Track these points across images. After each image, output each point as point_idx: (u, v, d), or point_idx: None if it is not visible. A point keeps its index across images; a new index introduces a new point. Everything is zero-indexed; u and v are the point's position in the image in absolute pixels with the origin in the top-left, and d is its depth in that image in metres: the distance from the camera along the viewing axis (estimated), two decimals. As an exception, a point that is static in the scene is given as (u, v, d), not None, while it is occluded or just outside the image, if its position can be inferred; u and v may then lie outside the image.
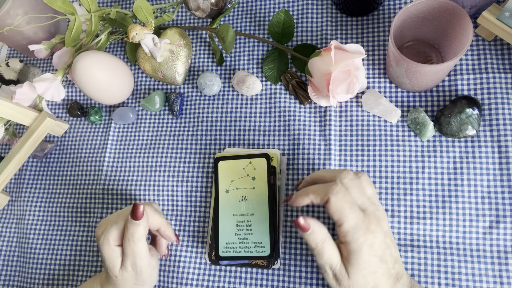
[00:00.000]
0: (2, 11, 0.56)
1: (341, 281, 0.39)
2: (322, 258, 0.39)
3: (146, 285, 0.46)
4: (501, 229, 0.44)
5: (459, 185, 0.47)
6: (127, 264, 0.43)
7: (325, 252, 0.39)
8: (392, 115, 0.50)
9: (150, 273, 0.45)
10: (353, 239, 0.38)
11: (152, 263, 0.45)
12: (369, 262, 0.38)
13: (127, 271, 0.43)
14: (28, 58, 0.68)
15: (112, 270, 0.43)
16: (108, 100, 0.57)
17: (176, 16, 0.63)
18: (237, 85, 0.56)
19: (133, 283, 0.44)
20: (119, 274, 0.43)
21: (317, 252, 0.39)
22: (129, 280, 0.43)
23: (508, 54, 0.49)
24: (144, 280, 0.44)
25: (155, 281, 0.48)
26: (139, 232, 0.42)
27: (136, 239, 0.42)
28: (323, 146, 0.51)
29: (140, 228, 0.42)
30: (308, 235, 0.39)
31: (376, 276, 0.38)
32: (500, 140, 0.46)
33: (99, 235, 0.44)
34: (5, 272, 0.58)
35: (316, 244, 0.39)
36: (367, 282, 0.38)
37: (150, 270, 0.45)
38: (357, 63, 0.49)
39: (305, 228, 0.38)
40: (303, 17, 0.57)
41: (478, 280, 0.44)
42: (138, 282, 0.44)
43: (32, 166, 0.62)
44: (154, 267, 0.46)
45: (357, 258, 0.38)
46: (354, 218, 0.38)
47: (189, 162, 0.55)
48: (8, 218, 0.61)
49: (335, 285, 0.39)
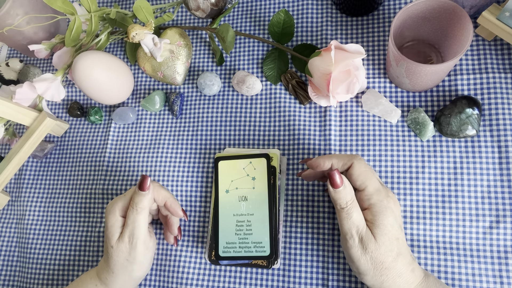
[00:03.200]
0: (2, 11, 0.56)
1: (367, 245, 0.38)
2: (350, 218, 0.38)
3: (137, 265, 0.45)
4: (501, 229, 0.44)
5: (459, 185, 0.47)
6: (125, 234, 0.44)
7: (354, 212, 0.38)
8: (392, 115, 0.50)
9: (143, 252, 0.45)
10: (378, 200, 0.39)
11: (149, 243, 0.46)
12: (392, 225, 0.39)
13: (123, 242, 0.44)
14: (28, 58, 0.68)
15: (110, 240, 0.45)
16: (108, 100, 0.57)
17: (176, 16, 0.63)
18: (237, 85, 0.56)
19: (125, 257, 0.44)
20: (115, 245, 0.44)
21: (345, 212, 0.38)
22: (122, 253, 0.44)
23: (508, 54, 0.49)
24: (136, 257, 0.45)
25: (146, 266, 0.47)
26: (143, 202, 0.44)
27: (140, 208, 0.44)
28: (323, 146, 0.51)
29: (144, 199, 0.44)
30: (339, 191, 0.38)
31: (399, 243, 0.39)
32: (500, 140, 0.46)
33: (107, 208, 0.46)
34: (5, 272, 0.58)
35: (346, 202, 0.38)
36: (392, 247, 0.38)
37: (145, 249, 0.45)
38: (357, 63, 0.49)
39: (338, 184, 0.38)
40: (303, 17, 0.57)
41: (478, 280, 0.44)
42: (130, 258, 0.44)
43: (32, 166, 0.62)
44: (149, 248, 0.46)
45: (383, 219, 0.38)
46: (377, 182, 0.40)
47: (189, 162, 0.55)
48: (8, 218, 0.61)
49: (360, 253, 0.38)
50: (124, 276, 0.46)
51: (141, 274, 0.47)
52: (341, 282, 0.47)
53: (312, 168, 0.43)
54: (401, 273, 0.38)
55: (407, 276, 0.39)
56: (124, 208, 0.46)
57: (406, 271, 0.39)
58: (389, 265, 0.38)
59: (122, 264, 0.45)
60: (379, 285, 0.39)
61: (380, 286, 0.39)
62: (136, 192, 0.45)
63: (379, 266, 0.38)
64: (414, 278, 0.39)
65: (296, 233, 0.49)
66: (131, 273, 0.46)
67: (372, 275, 0.39)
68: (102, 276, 0.46)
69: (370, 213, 0.39)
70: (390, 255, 0.38)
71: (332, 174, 0.39)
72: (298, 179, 0.51)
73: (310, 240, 0.49)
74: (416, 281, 0.39)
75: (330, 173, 0.39)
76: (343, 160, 0.41)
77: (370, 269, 0.38)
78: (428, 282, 0.40)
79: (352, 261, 0.40)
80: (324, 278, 0.47)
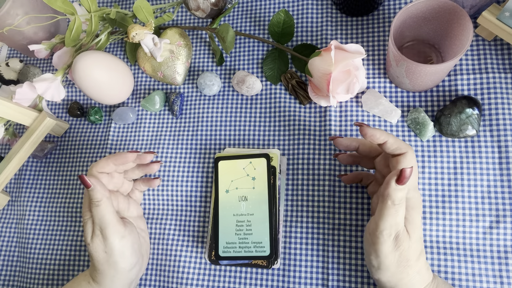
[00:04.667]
0: (2, 11, 0.56)
1: (402, 242, 0.37)
2: (397, 216, 0.37)
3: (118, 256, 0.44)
4: (501, 229, 0.44)
5: (459, 185, 0.47)
6: (95, 229, 0.44)
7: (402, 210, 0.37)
8: (392, 115, 0.50)
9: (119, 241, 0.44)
10: (413, 196, 0.39)
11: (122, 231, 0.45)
12: (421, 222, 0.39)
13: (96, 236, 0.44)
14: (28, 58, 0.68)
15: (86, 238, 0.45)
16: (108, 100, 0.57)
17: (176, 16, 0.63)
18: (237, 85, 0.56)
19: (103, 250, 0.44)
20: (91, 241, 0.44)
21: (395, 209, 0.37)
22: (99, 246, 0.44)
23: (508, 54, 0.49)
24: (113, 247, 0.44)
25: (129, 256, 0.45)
26: (95, 196, 0.44)
27: (96, 202, 0.44)
28: (323, 146, 0.51)
29: (94, 193, 0.44)
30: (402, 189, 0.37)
31: (421, 241, 0.39)
32: (500, 140, 0.46)
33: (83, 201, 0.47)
34: (5, 272, 0.58)
35: (400, 199, 0.37)
36: (418, 245, 0.39)
37: (120, 237, 0.44)
38: (357, 63, 0.49)
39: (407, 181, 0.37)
40: (303, 17, 0.57)
41: (478, 280, 0.44)
42: (107, 249, 0.44)
43: (32, 166, 0.62)
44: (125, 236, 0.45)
45: (415, 215, 0.38)
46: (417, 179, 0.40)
47: (189, 162, 0.55)
48: (8, 218, 0.61)
49: (391, 249, 0.38)
50: (110, 271, 0.45)
51: (128, 265, 0.45)
52: (341, 282, 0.47)
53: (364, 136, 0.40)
54: (419, 270, 0.39)
55: (424, 274, 0.39)
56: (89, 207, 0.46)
57: (423, 269, 0.39)
58: (412, 263, 0.38)
59: (103, 258, 0.44)
60: (395, 282, 0.39)
61: (397, 283, 0.39)
62: (85, 190, 0.46)
63: (404, 263, 0.38)
64: (428, 276, 0.40)
65: (296, 233, 0.49)
66: (115, 266, 0.45)
67: (393, 272, 0.38)
68: (93, 275, 0.46)
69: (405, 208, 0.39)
70: (415, 253, 0.38)
71: (407, 170, 0.36)
72: (298, 179, 0.51)
73: (310, 240, 0.49)
74: (429, 279, 0.40)
75: (406, 169, 0.36)
76: (399, 144, 0.39)
77: (394, 266, 0.38)
78: (437, 280, 0.41)
79: (377, 256, 0.38)
80: (324, 278, 0.47)
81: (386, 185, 0.37)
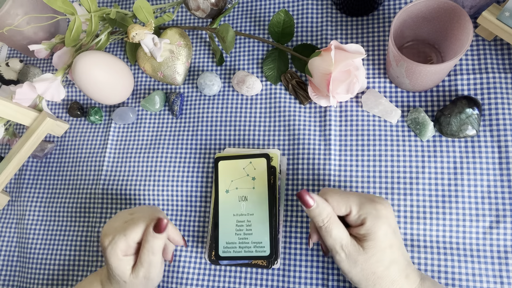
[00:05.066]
0: (2, 11, 0.56)
1: (356, 258, 0.38)
2: (330, 236, 0.38)
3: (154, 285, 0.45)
4: (501, 229, 0.44)
5: (459, 185, 0.47)
6: (139, 272, 0.42)
7: (333, 228, 0.38)
8: (392, 115, 0.50)
9: (159, 275, 0.44)
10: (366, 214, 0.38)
11: (162, 266, 0.45)
12: (386, 233, 0.38)
13: (138, 278, 0.42)
14: (28, 58, 0.68)
15: (121, 276, 0.42)
16: (108, 100, 0.57)
17: (176, 16, 0.63)
18: (237, 85, 0.56)
19: (143, 284, 0.43)
20: (128, 280, 0.42)
21: (324, 229, 0.38)
22: (138, 286, 0.43)
23: (508, 54, 0.49)
24: (154, 283, 0.44)
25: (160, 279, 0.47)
26: (160, 245, 0.42)
27: (157, 251, 0.42)
28: (323, 146, 0.51)
29: (161, 242, 0.42)
30: (312, 210, 0.38)
31: (392, 250, 0.38)
32: (500, 140, 0.46)
33: (105, 245, 0.42)
34: (5, 272, 0.58)
35: (322, 220, 0.38)
36: (384, 257, 0.38)
37: (160, 272, 0.44)
38: (357, 63, 0.49)
39: (309, 203, 0.38)
40: (303, 17, 0.57)
41: (478, 280, 0.44)
42: (148, 285, 0.44)
43: (32, 166, 0.62)
44: (162, 269, 0.45)
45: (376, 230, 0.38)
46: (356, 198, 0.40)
47: (189, 162, 0.55)
48: (8, 218, 0.61)
49: (349, 266, 0.38)
50: None
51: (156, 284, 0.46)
52: (341, 282, 0.47)
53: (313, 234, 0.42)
54: (393, 280, 0.38)
55: (400, 283, 0.38)
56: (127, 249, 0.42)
57: (399, 278, 0.38)
58: (381, 274, 0.38)
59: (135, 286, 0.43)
60: None
61: None
62: (152, 235, 0.41)
63: (370, 276, 0.38)
64: (409, 284, 0.39)
65: (296, 233, 0.49)
66: None
67: (365, 285, 0.39)
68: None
69: (364, 228, 0.38)
70: (381, 264, 0.38)
71: (300, 194, 0.38)
72: (298, 179, 0.51)
73: (310, 240, 0.49)
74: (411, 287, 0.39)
75: (298, 193, 0.38)
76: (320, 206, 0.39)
77: (362, 280, 0.38)
78: (423, 286, 0.39)
79: (345, 274, 0.40)
80: (324, 278, 0.47)
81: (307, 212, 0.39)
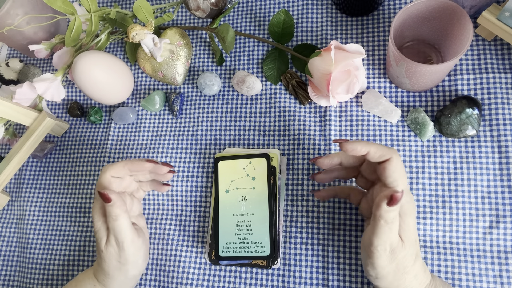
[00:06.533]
0: (2, 11, 0.56)
1: (398, 254, 0.37)
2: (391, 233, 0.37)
3: (130, 265, 0.45)
4: (501, 229, 0.44)
5: (459, 185, 0.47)
6: (111, 239, 0.44)
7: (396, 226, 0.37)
8: (392, 115, 0.50)
9: (134, 252, 0.45)
10: (406, 201, 0.38)
11: (138, 242, 0.46)
12: (414, 226, 0.38)
13: (111, 245, 0.44)
14: (28, 58, 0.68)
15: (99, 244, 0.45)
16: (108, 100, 0.57)
17: (176, 16, 0.63)
18: (237, 85, 0.56)
19: (117, 260, 0.45)
20: (104, 249, 0.44)
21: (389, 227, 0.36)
22: (113, 255, 0.44)
23: (508, 54, 0.49)
24: (127, 258, 0.45)
25: (141, 265, 0.47)
26: (114, 211, 0.43)
27: (114, 216, 0.43)
28: (323, 146, 0.51)
29: (113, 208, 0.43)
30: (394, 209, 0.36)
31: (416, 244, 0.39)
32: (500, 140, 0.46)
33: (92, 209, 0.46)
34: (5, 272, 0.58)
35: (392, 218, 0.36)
36: (413, 250, 0.38)
37: (134, 249, 0.45)
38: (357, 63, 0.49)
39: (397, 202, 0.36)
40: (303, 17, 0.57)
41: (478, 280, 0.44)
42: (121, 260, 0.45)
43: (32, 166, 0.62)
44: (139, 246, 0.46)
45: (409, 221, 0.38)
46: (407, 182, 0.39)
47: (189, 162, 0.55)
48: (8, 218, 0.61)
49: (387, 261, 0.37)
50: (120, 277, 0.46)
51: (137, 272, 0.47)
52: (341, 282, 0.47)
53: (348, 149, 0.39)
54: (417, 274, 0.39)
55: (421, 276, 0.39)
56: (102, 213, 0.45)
57: (420, 272, 0.39)
58: (409, 269, 0.38)
59: (115, 266, 0.45)
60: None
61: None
62: (97, 197, 0.45)
63: (401, 271, 0.38)
64: (426, 278, 0.39)
65: (296, 233, 0.49)
66: (126, 273, 0.46)
67: (391, 280, 0.38)
68: (99, 278, 0.46)
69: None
70: (411, 258, 0.38)
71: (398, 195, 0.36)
72: (298, 179, 0.51)
73: (310, 240, 0.49)
74: (427, 281, 0.40)
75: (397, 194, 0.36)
76: (381, 151, 0.37)
77: (391, 275, 0.38)
78: (436, 281, 0.40)
79: (374, 268, 0.38)
80: (324, 278, 0.47)
81: (377, 207, 0.37)
